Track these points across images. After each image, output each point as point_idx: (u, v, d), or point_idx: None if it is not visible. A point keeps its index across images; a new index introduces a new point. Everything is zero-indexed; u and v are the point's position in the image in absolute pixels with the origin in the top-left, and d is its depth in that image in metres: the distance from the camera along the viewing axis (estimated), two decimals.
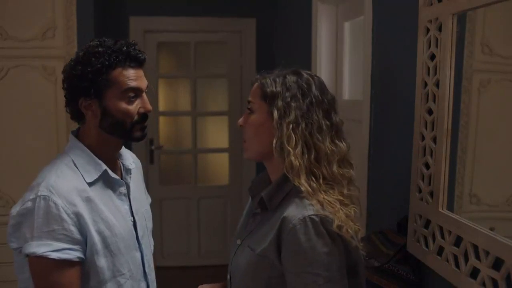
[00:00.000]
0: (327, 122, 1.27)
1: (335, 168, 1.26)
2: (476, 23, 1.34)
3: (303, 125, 1.25)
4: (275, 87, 1.28)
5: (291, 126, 1.24)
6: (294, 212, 1.20)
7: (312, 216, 1.18)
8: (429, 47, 1.50)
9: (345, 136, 1.32)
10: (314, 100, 1.27)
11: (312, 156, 1.25)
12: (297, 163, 1.23)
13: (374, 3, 1.98)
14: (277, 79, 1.29)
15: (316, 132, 1.25)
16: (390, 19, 1.88)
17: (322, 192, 1.23)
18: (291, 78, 1.29)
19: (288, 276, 1.21)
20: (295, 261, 1.19)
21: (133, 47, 1.39)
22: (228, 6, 4.01)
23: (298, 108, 1.26)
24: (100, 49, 1.35)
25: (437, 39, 1.46)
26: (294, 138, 1.24)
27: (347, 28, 2.66)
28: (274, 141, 1.26)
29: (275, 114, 1.26)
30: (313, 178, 1.24)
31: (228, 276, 1.37)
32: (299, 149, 1.24)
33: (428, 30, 1.50)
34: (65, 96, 1.42)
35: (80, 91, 1.36)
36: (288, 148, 1.23)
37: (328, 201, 1.21)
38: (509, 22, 1.23)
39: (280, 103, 1.26)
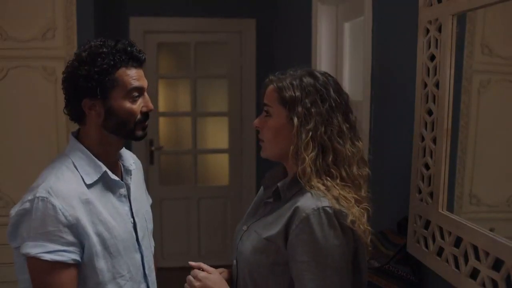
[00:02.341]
0: (347, 125, 1.28)
1: (355, 169, 1.28)
2: (476, 24, 1.33)
3: (322, 130, 1.25)
4: (294, 92, 1.27)
5: (310, 134, 1.24)
6: (308, 202, 1.21)
7: (326, 208, 1.19)
8: (429, 47, 1.50)
9: (360, 134, 1.33)
10: (334, 105, 1.27)
11: (330, 159, 1.25)
12: (309, 170, 1.24)
13: (374, 3, 1.98)
14: (294, 82, 1.28)
15: (337, 137, 1.26)
16: (390, 19, 1.88)
17: (338, 188, 1.23)
18: (307, 81, 1.28)
19: (295, 265, 1.22)
20: (305, 250, 1.19)
21: (134, 48, 1.40)
22: (228, 6, 4.01)
23: (318, 114, 1.26)
24: (104, 49, 1.36)
25: (437, 40, 1.46)
26: (311, 145, 1.24)
27: (347, 29, 2.66)
28: (292, 148, 1.26)
29: (296, 121, 1.25)
30: (328, 178, 1.25)
31: (234, 262, 1.38)
32: (313, 154, 1.24)
33: (428, 30, 1.50)
34: (65, 97, 1.41)
35: (85, 92, 1.35)
36: (304, 155, 1.24)
37: (344, 196, 1.22)
38: (509, 23, 1.23)
39: (300, 109, 1.26)
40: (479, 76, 1.36)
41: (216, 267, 1.40)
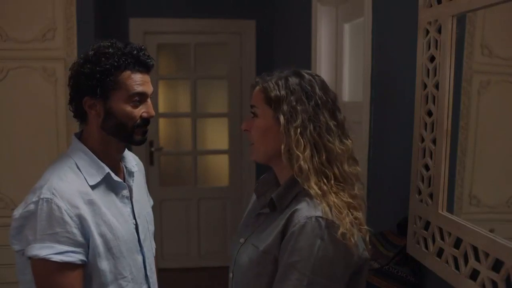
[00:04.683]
0: (334, 122, 1.28)
1: (346, 167, 1.27)
2: (475, 25, 1.34)
3: (311, 128, 1.25)
4: (279, 91, 1.27)
5: (298, 130, 1.24)
6: (303, 209, 1.21)
7: (319, 218, 1.18)
8: (429, 48, 1.50)
9: (349, 133, 1.32)
10: (319, 102, 1.27)
11: (323, 157, 1.25)
12: (306, 167, 1.23)
13: (374, 4, 1.99)
14: (280, 82, 1.28)
15: (326, 134, 1.26)
16: (389, 20, 1.89)
17: (333, 194, 1.22)
18: (293, 80, 1.28)
19: (279, 268, 1.21)
20: (289, 255, 1.19)
21: (142, 52, 1.39)
22: (228, 7, 4.01)
23: (304, 112, 1.25)
24: (110, 50, 1.36)
25: (436, 41, 1.46)
26: (302, 143, 1.24)
27: (347, 30, 2.66)
28: (282, 147, 1.25)
29: (282, 119, 1.25)
30: (324, 180, 1.24)
31: (230, 275, 1.37)
32: (308, 152, 1.23)
33: (427, 31, 1.51)
34: (69, 93, 1.42)
35: (86, 90, 1.36)
36: (297, 153, 1.23)
37: (337, 204, 1.21)
38: (509, 24, 1.23)
39: (285, 107, 1.25)
40: (479, 77, 1.36)
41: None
